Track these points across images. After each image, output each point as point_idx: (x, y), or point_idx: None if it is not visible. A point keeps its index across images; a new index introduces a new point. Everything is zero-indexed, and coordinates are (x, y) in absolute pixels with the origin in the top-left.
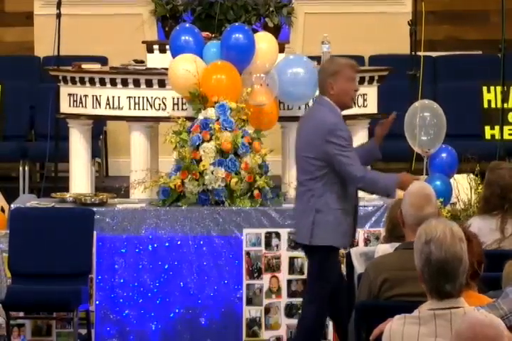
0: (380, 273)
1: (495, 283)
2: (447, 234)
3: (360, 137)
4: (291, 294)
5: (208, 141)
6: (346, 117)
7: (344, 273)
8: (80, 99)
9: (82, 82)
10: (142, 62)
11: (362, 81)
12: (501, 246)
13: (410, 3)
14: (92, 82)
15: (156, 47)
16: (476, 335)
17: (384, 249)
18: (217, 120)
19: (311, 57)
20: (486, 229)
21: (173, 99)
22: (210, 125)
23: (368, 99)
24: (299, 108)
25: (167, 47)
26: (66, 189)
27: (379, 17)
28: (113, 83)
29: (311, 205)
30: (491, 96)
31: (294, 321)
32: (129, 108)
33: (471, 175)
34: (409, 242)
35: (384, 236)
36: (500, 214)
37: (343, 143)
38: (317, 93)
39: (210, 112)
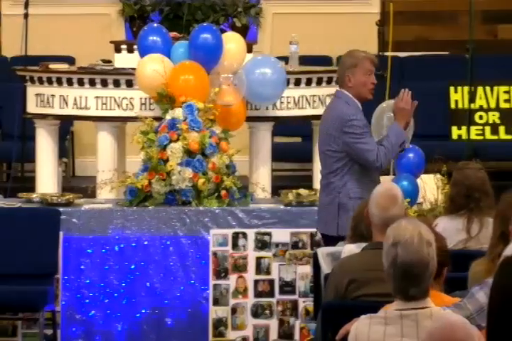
0: (346, 274)
1: (461, 283)
2: (415, 237)
3: None
4: (258, 294)
5: (176, 141)
6: (314, 117)
7: (311, 273)
8: (47, 99)
9: (50, 82)
10: (110, 62)
11: (330, 81)
12: (467, 246)
13: (378, 3)
14: (59, 82)
15: (123, 47)
16: (448, 336)
17: (351, 249)
18: (185, 120)
19: (279, 58)
20: (452, 229)
21: (141, 99)
22: (178, 125)
23: None
24: (267, 108)
25: (135, 47)
26: (33, 189)
27: (347, 17)
28: (80, 83)
29: (333, 198)
30: (458, 96)
31: (261, 321)
32: (97, 108)
33: (438, 175)
34: (376, 242)
35: (348, 234)
36: (467, 214)
37: (358, 131)
38: (284, 93)
39: (178, 112)
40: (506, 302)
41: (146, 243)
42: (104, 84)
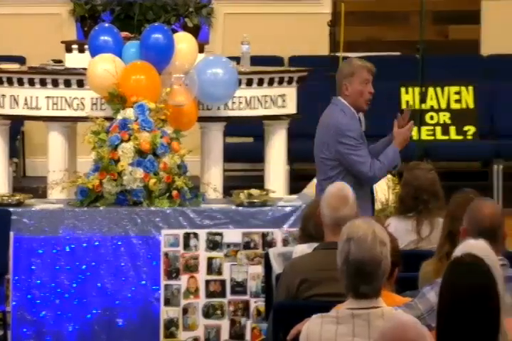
0: (297, 274)
1: (412, 283)
2: (369, 235)
3: (278, 137)
4: (210, 294)
5: (127, 141)
6: (266, 117)
7: (262, 273)
8: None
9: (0, 82)
10: (61, 62)
11: (281, 81)
12: (418, 246)
13: (330, 4)
14: (10, 81)
15: (74, 47)
16: (399, 336)
17: (302, 249)
18: (136, 120)
19: (231, 58)
20: (402, 230)
21: (92, 99)
22: (129, 125)
23: (288, 99)
24: (218, 108)
25: (86, 47)
26: None
27: (299, 18)
28: (31, 83)
29: None
30: (409, 97)
31: (212, 322)
32: (47, 108)
33: (389, 176)
34: (328, 243)
35: (298, 234)
36: (416, 216)
37: (353, 142)
38: (236, 93)
39: (129, 112)
40: (455, 302)
41: (97, 243)
42: (55, 84)
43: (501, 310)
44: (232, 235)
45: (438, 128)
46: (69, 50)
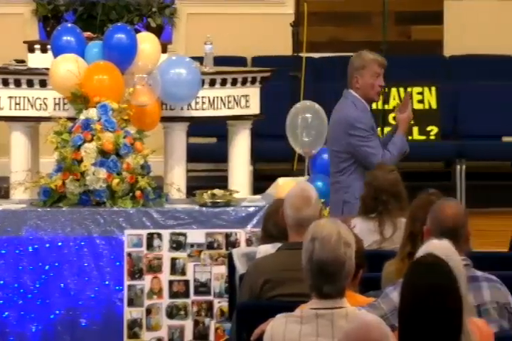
0: (261, 274)
1: (375, 283)
2: (333, 235)
3: (242, 137)
4: (173, 295)
5: (90, 142)
6: (229, 117)
7: (226, 273)
8: None
9: None
10: (23, 62)
11: (244, 82)
12: (382, 246)
13: (293, 4)
14: None
15: (37, 47)
16: (363, 336)
17: (266, 249)
18: (99, 120)
19: (194, 58)
20: (365, 230)
21: (55, 99)
22: (92, 125)
23: (251, 99)
24: (182, 108)
25: (48, 47)
26: None
27: (262, 18)
28: None
29: (339, 197)
30: None
31: (176, 322)
32: (10, 108)
33: None
34: (291, 243)
35: (260, 235)
36: (377, 217)
37: (363, 134)
38: (199, 93)
39: (92, 112)
40: (416, 302)
41: (60, 244)
42: (18, 84)
43: (464, 310)
44: (196, 235)
45: None
46: (31, 50)
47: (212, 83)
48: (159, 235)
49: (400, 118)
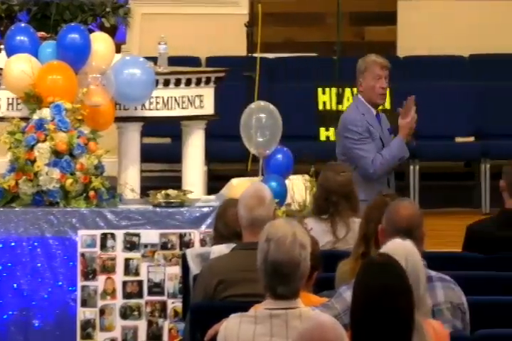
0: (215, 274)
1: (329, 283)
2: (288, 237)
3: (196, 138)
4: (127, 295)
5: (43, 142)
6: (183, 118)
7: (180, 274)
8: None
9: None
10: None
11: (198, 82)
12: (335, 246)
13: (247, 5)
14: None
15: None
16: (318, 337)
17: (220, 249)
18: (53, 120)
19: (148, 58)
20: (319, 231)
21: (8, 99)
22: (45, 125)
23: (205, 100)
24: (136, 108)
25: (2, 47)
26: None
27: (216, 18)
28: None
29: None
30: (326, 98)
31: (129, 323)
32: None
33: (306, 176)
34: (245, 243)
35: (213, 235)
36: (329, 218)
37: (356, 136)
38: (153, 93)
39: (45, 112)
40: (368, 302)
41: (13, 244)
42: None
43: (422, 311)
44: (150, 236)
45: None
46: None
47: (166, 83)
48: (113, 235)
49: (401, 123)
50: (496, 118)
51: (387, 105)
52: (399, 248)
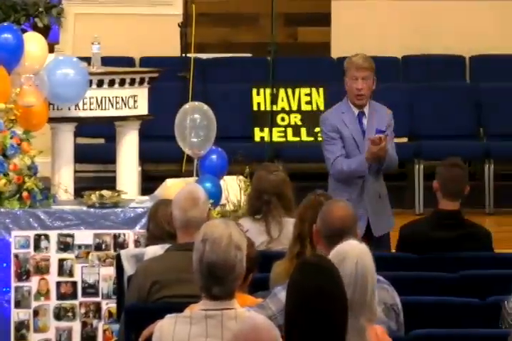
0: (149, 275)
1: (263, 283)
2: (224, 238)
3: (130, 138)
4: (61, 296)
5: None
6: (117, 118)
7: (114, 275)
8: None
9: None
10: None
11: (132, 82)
12: (269, 247)
13: (181, 5)
14: None
15: None
16: (253, 338)
17: (154, 250)
18: None
19: (81, 58)
20: (254, 231)
21: None
22: None
23: (139, 100)
24: (69, 109)
25: None
26: None
27: (150, 19)
28: None
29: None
30: (260, 98)
31: (63, 324)
32: None
33: (241, 177)
34: (180, 244)
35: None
36: (263, 218)
37: (324, 136)
38: (87, 94)
39: None
40: (301, 303)
41: None
42: None
43: (366, 316)
44: (84, 236)
45: (289, 130)
46: None
47: (100, 83)
48: (46, 236)
49: (371, 149)
50: (429, 119)
51: (321, 106)
52: (351, 250)
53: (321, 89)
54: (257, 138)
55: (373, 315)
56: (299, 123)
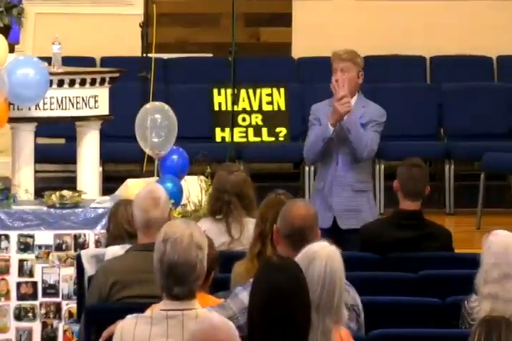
0: (110, 276)
1: (224, 283)
2: (185, 238)
3: (91, 138)
4: (21, 297)
5: None
6: (77, 118)
7: (75, 275)
8: None
9: None
10: None
11: (93, 82)
12: (231, 247)
13: (142, 5)
14: None
15: None
16: (210, 338)
17: (114, 251)
18: None
19: (42, 58)
20: (215, 231)
21: None
22: None
23: (100, 100)
24: (29, 109)
25: None
26: None
27: (111, 18)
28: None
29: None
30: (221, 98)
31: (23, 324)
32: None
33: (202, 177)
34: (141, 244)
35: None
36: (224, 218)
37: (308, 124)
38: (47, 94)
39: None
40: (263, 303)
41: None
42: None
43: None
44: (44, 237)
45: (250, 130)
46: None
47: (60, 83)
48: (7, 237)
49: (334, 106)
50: (390, 120)
51: (282, 106)
52: (321, 251)
53: (282, 90)
54: (218, 139)
55: (340, 317)
56: (260, 123)
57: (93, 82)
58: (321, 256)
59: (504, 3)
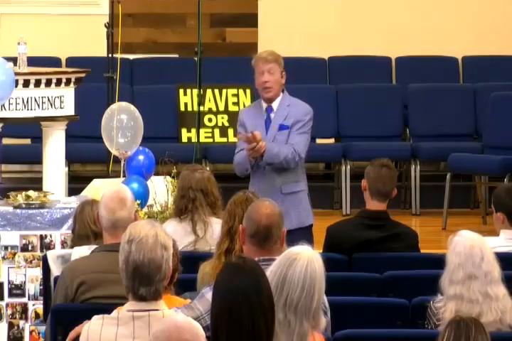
0: (76, 276)
1: (191, 284)
2: (150, 238)
3: (56, 138)
4: None
5: None
6: (43, 118)
7: (41, 275)
8: None
9: None
10: None
11: (59, 83)
12: (196, 247)
13: (107, 5)
14: None
15: None
16: (174, 337)
17: (81, 251)
18: None
19: (7, 58)
20: (181, 232)
21: None
22: None
23: (65, 100)
24: None
25: None
26: None
27: (76, 19)
28: None
29: None
30: (187, 99)
31: None
32: None
33: (168, 178)
34: (106, 245)
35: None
36: (189, 216)
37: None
38: (13, 94)
39: None
40: (225, 304)
41: None
42: None
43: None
44: (10, 237)
45: (216, 131)
46: None
47: (26, 84)
48: None
49: (247, 147)
50: (356, 120)
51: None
52: (303, 254)
53: (248, 90)
54: (184, 139)
55: (318, 323)
56: (226, 124)
57: (59, 83)
58: (303, 258)
59: (469, 4)
